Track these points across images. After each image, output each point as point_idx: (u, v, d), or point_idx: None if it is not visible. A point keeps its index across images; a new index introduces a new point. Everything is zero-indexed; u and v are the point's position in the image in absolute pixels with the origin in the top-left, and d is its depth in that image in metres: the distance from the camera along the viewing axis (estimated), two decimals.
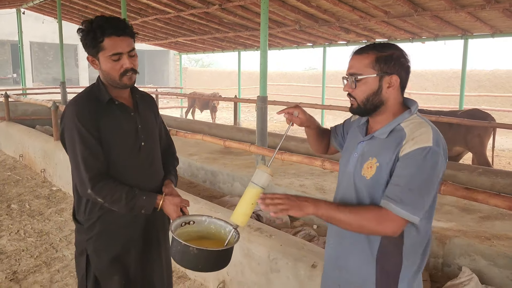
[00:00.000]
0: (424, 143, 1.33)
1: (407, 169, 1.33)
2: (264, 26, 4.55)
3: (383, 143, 1.43)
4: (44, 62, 26.57)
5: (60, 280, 3.43)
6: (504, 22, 7.04)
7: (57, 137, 6.44)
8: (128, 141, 1.82)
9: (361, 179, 1.44)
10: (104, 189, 1.70)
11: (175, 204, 1.78)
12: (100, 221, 1.82)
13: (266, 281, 2.81)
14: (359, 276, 1.48)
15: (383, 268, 1.43)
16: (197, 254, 1.51)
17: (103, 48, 1.69)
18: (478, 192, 1.92)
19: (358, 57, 1.44)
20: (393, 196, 1.32)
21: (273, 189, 4.62)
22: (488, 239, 3.14)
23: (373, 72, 1.41)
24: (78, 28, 1.75)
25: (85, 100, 1.78)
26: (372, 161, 1.42)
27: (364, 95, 1.43)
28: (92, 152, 1.71)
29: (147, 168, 1.88)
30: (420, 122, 1.42)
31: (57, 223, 4.71)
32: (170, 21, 9.88)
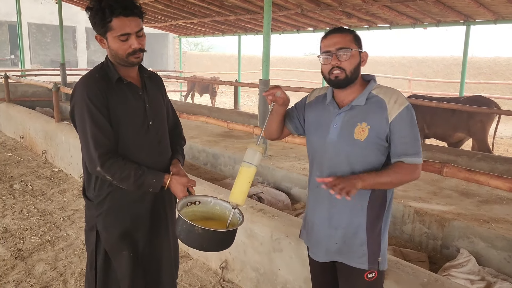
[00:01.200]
0: (405, 103, 1.64)
1: (406, 127, 1.63)
2: (268, 9, 4.53)
3: (365, 109, 1.68)
4: (42, 44, 26.32)
5: (65, 258, 3.48)
6: (507, 8, 7.01)
7: (58, 118, 6.44)
8: (137, 120, 1.83)
9: (355, 142, 1.66)
10: (113, 167, 1.72)
11: (182, 184, 1.80)
12: (110, 197, 1.85)
13: (269, 260, 2.86)
14: (352, 228, 1.72)
15: (372, 215, 1.71)
16: (201, 234, 1.54)
17: (111, 28, 1.69)
18: (480, 174, 1.96)
19: (340, 35, 1.67)
20: (411, 151, 1.63)
21: (274, 172, 4.66)
22: (486, 222, 3.20)
23: (356, 47, 1.67)
24: (86, 7, 1.74)
25: (95, 78, 1.78)
26: (362, 125, 1.66)
27: (352, 66, 1.66)
28: (102, 130, 1.71)
29: (155, 146, 1.90)
30: (386, 87, 1.72)
31: (60, 203, 4.75)
32: (171, 3, 9.77)
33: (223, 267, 3.14)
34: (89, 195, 1.91)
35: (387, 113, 1.63)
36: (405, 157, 1.63)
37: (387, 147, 1.67)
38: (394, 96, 1.66)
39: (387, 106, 1.64)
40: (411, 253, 3.15)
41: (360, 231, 1.71)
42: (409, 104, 1.65)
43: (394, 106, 1.63)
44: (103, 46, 1.78)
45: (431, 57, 16.14)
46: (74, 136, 5.63)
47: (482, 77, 14.28)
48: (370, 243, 1.71)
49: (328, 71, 1.68)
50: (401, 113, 1.62)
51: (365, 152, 1.67)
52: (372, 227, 1.71)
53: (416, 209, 3.43)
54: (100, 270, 1.92)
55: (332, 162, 1.73)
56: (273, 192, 4.26)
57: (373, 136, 1.64)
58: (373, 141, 1.65)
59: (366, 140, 1.65)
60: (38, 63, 24.85)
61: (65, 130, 5.97)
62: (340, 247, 1.75)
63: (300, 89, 7.83)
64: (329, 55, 1.66)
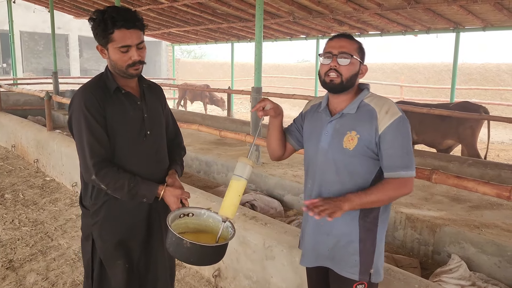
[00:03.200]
0: (397, 114, 1.61)
1: (397, 138, 1.59)
2: (259, 16, 4.57)
3: (355, 117, 1.66)
4: (34, 52, 26.22)
5: (56, 268, 3.46)
6: (495, 16, 7.12)
7: (50, 127, 6.42)
8: (134, 130, 1.83)
9: (344, 151, 1.65)
10: (107, 176, 1.72)
11: (176, 196, 1.80)
12: (106, 206, 1.85)
13: (261, 268, 2.86)
14: (344, 236, 1.69)
15: (364, 226, 1.67)
16: (189, 248, 1.52)
17: (112, 40, 1.71)
18: (468, 180, 1.99)
19: (348, 41, 1.67)
20: (400, 164, 1.58)
21: (267, 179, 4.67)
22: (477, 227, 3.23)
23: (358, 57, 1.66)
24: (89, 17, 1.76)
25: (93, 88, 1.79)
26: (351, 134, 1.64)
27: (349, 73, 1.65)
28: (98, 139, 1.73)
29: (152, 156, 1.90)
30: (379, 97, 1.70)
31: (52, 212, 4.72)
32: (163, 11, 9.82)
33: (216, 275, 3.13)
34: (85, 203, 1.91)
35: (377, 123, 1.60)
36: (393, 170, 1.59)
37: (377, 158, 1.64)
38: (385, 106, 1.63)
39: (377, 115, 1.61)
40: (403, 259, 3.17)
41: (353, 240, 1.69)
42: (402, 115, 1.62)
43: (385, 116, 1.60)
44: (103, 57, 1.79)
45: (422, 63, 16.30)
46: (66, 145, 5.61)
47: (473, 83, 14.43)
48: (363, 253, 1.68)
49: (325, 72, 1.67)
50: (392, 124, 1.59)
51: (354, 162, 1.64)
52: (365, 238, 1.68)
53: (407, 215, 3.46)
54: (95, 279, 1.92)
55: (322, 170, 1.72)
56: (266, 200, 4.27)
57: (362, 145, 1.62)
58: (362, 150, 1.62)
59: (355, 149, 1.63)
60: (31, 71, 24.74)
61: (57, 139, 5.95)
62: (332, 254, 1.73)
63: (293, 96, 7.88)
64: (329, 56, 1.65)
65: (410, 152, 1.60)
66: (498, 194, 1.88)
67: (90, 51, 28.79)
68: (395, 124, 1.59)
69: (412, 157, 1.61)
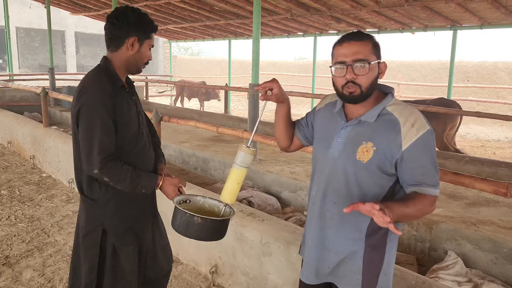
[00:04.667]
0: (425, 127, 1.43)
1: (426, 155, 1.43)
2: (257, 13, 4.56)
3: (375, 127, 1.47)
4: (30, 48, 26.11)
5: (53, 264, 3.45)
6: (493, 14, 7.13)
7: (46, 123, 6.39)
8: (133, 125, 1.91)
9: (356, 163, 1.48)
10: (111, 169, 1.78)
11: (174, 184, 1.91)
12: (116, 196, 1.91)
13: (259, 264, 2.86)
14: (347, 255, 1.56)
15: (371, 243, 1.53)
16: (200, 223, 1.63)
17: (151, 37, 1.92)
18: (465, 177, 1.99)
19: (360, 44, 1.45)
20: (431, 182, 1.44)
21: (264, 176, 4.67)
22: (473, 224, 3.24)
23: (375, 59, 1.46)
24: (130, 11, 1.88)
25: (104, 84, 1.82)
26: (367, 145, 1.46)
27: (369, 81, 1.46)
28: (110, 136, 1.78)
29: (147, 150, 2.00)
30: (404, 105, 1.50)
31: (48, 209, 4.71)
32: (160, 7, 9.78)
33: (213, 272, 3.13)
34: (92, 195, 1.92)
35: (401, 137, 1.42)
36: (428, 187, 1.43)
37: (393, 174, 1.47)
38: (411, 117, 1.44)
39: (401, 129, 1.43)
40: (400, 255, 3.17)
41: (357, 259, 1.55)
42: (430, 129, 1.44)
43: (410, 130, 1.42)
44: (129, 49, 1.87)
45: (419, 61, 16.33)
46: (63, 141, 5.58)
47: (470, 81, 14.47)
48: (366, 273, 1.55)
49: (342, 86, 1.47)
50: (419, 140, 1.41)
51: (365, 175, 1.48)
52: (371, 257, 1.54)
53: None
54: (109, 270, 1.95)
55: (329, 179, 1.56)
56: (263, 196, 4.26)
57: (378, 159, 1.45)
58: (377, 165, 1.45)
59: (369, 163, 1.46)
60: (27, 67, 24.64)
61: (53, 135, 5.92)
62: (333, 270, 1.61)
63: (290, 93, 7.87)
64: (343, 67, 1.45)
65: (437, 169, 1.47)
66: (495, 190, 1.89)
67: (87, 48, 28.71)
68: (424, 139, 1.41)
69: (438, 176, 1.47)
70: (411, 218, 1.49)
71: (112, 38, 1.87)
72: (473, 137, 11.72)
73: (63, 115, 9.29)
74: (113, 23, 1.85)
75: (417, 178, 1.43)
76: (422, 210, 1.43)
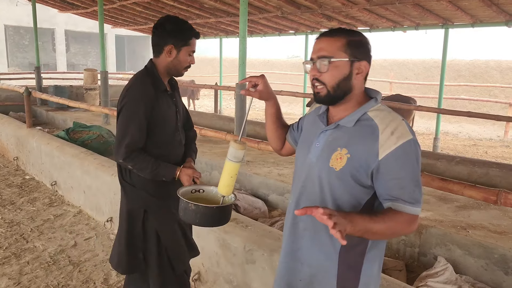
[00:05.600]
0: (407, 136, 1.29)
1: (404, 168, 1.28)
2: (244, 11, 4.44)
3: (352, 133, 1.36)
4: (20, 46, 25.76)
5: (30, 272, 3.32)
6: (484, 12, 7.06)
7: (30, 124, 6.23)
8: (171, 124, 2.17)
9: (329, 171, 1.36)
10: (135, 158, 2.04)
11: (188, 175, 2.11)
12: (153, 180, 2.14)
13: (242, 272, 2.77)
14: (320, 269, 1.44)
15: (346, 261, 1.39)
16: (194, 209, 1.76)
17: (189, 44, 2.08)
18: (454, 183, 1.89)
19: (328, 40, 1.36)
20: (408, 198, 1.28)
21: (252, 178, 4.56)
22: (464, 228, 3.15)
23: (345, 56, 1.34)
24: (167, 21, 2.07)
25: (148, 87, 2.06)
26: (341, 151, 1.35)
27: (334, 80, 1.35)
28: (141, 133, 2.04)
29: (180, 144, 2.26)
30: (388, 112, 1.37)
31: (29, 213, 4.57)
32: (150, 5, 9.61)
33: (196, 279, 3.03)
34: (132, 180, 2.18)
35: (378, 145, 1.29)
36: (404, 204, 1.27)
37: (370, 186, 1.33)
38: (392, 124, 1.31)
39: (379, 136, 1.29)
40: (388, 261, 3.08)
41: (330, 276, 1.41)
42: (412, 138, 1.29)
43: (389, 138, 1.28)
44: (168, 56, 2.07)
45: (412, 59, 16.30)
46: (46, 142, 5.44)
47: (462, 79, 14.47)
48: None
49: (311, 83, 1.40)
50: (399, 149, 1.27)
51: (338, 185, 1.35)
52: (345, 276, 1.40)
53: None
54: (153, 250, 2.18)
55: (304, 186, 1.46)
56: (249, 200, 4.15)
57: (351, 167, 1.32)
58: (351, 173, 1.32)
59: (341, 171, 1.33)
60: (16, 66, 24.34)
61: (36, 136, 5.77)
62: (304, 286, 1.48)
63: (280, 92, 7.77)
64: (310, 63, 1.39)
65: (419, 186, 1.30)
66: (485, 198, 1.79)
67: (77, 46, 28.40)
68: (403, 149, 1.27)
69: (420, 192, 1.30)
70: (381, 236, 1.30)
71: (154, 45, 2.11)
72: (465, 136, 11.70)
73: (50, 115, 9.11)
74: (154, 32, 2.09)
75: (393, 193, 1.28)
76: (394, 228, 1.27)
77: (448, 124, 13.12)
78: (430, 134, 11.03)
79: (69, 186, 4.88)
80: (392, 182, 1.28)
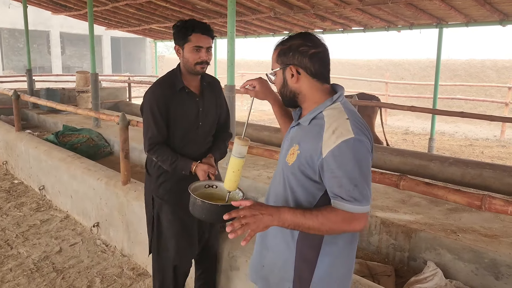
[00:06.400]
0: (347, 135, 1.31)
1: (341, 166, 1.30)
2: (232, 11, 4.37)
3: (306, 131, 1.43)
4: (15, 49, 25.63)
5: (12, 279, 3.24)
6: (478, 11, 7.01)
7: (18, 127, 6.14)
8: (190, 121, 2.31)
9: (285, 165, 1.46)
10: (157, 151, 2.28)
11: (204, 170, 2.23)
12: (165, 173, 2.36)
13: (226, 279, 2.70)
14: (280, 257, 1.51)
15: (302, 252, 1.45)
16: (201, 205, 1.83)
17: (189, 41, 2.17)
18: (438, 188, 1.82)
19: (272, 53, 1.50)
20: (346, 196, 1.30)
21: (240, 181, 4.49)
22: (454, 232, 3.08)
23: (277, 66, 1.46)
24: (174, 24, 2.23)
25: (164, 85, 2.27)
26: (295, 147, 1.43)
27: (278, 89, 1.51)
28: (158, 128, 2.25)
29: (202, 141, 2.39)
30: (339, 111, 1.39)
31: (15, 218, 4.49)
32: (142, 7, 9.54)
33: None
34: (151, 171, 2.43)
35: (322, 143, 1.33)
36: (339, 200, 1.31)
37: (319, 182, 1.38)
38: (334, 124, 1.34)
39: (323, 134, 1.34)
40: (377, 266, 3.01)
41: (288, 264, 1.48)
42: (353, 137, 1.30)
43: (330, 137, 1.32)
44: (178, 56, 2.24)
45: (407, 59, 16.24)
46: (34, 146, 5.36)
47: (458, 79, 14.41)
48: (297, 283, 1.46)
49: None
50: (336, 148, 1.29)
51: (293, 179, 1.43)
52: (301, 268, 1.45)
53: (382, 219, 3.30)
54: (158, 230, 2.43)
55: (273, 181, 1.58)
56: None
57: (300, 163, 1.39)
58: (300, 169, 1.39)
59: (293, 166, 1.42)
60: (11, 69, 24.22)
61: (25, 140, 5.69)
62: (266, 273, 1.56)
63: None
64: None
65: (358, 183, 1.29)
66: (469, 203, 1.72)
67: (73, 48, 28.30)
68: (341, 147, 1.29)
69: (363, 189, 1.30)
70: (318, 231, 1.34)
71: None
72: (462, 136, 11.64)
73: (41, 118, 9.02)
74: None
75: (334, 190, 1.33)
76: (328, 225, 1.31)
77: (444, 124, 13.06)
78: (426, 135, 10.96)
79: (57, 190, 4.80)
80: (333, 180, 1.32)
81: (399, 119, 13.61)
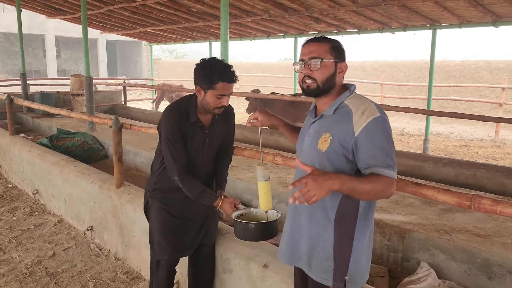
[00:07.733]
0: (374, 114, 1.56)
1: (374, 140, 1.53)
2: (225, 14, 4.37)
3: (332, 119, 1.65)
4: (10, 53, 25.54)
5: (4, 284, 3.22)
6: (471, 12, 7.04)
7: (12, 131, 6.12)
8: (197, 150, 2.39)
9: (318, 153, 1.64)
10: (186, 181, 2.33)
11: (230, 203, 2.36)
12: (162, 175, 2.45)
13: (220, 282, 2.70)
14: (319, 240, 1.68)
15: (339, 229, 1.64)
16: (255, 227, 2.10)
17: (215, 88, 2.17)
18: (428, 188, 1.83)
19: (316, 44, 1.66)
20: (381, 163, 1.51)
21: (235, 183, 4.49)
22: (447, 232, 3.08)
23: (331, 58, 1.65)
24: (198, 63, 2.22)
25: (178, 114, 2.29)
26: (325, 135, 1.63)
27: (324, 77, 1.65)
28: (178, 152, 2.31)
29: (205, 166, 2.48)
30: (360, 97, 1.66)
31: (8, 222, 4.47)
32: (137, 9, 9.52)
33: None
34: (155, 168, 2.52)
35: (353, 125, 1.56)
36: (379, 168, 1.51)
37: (352, 161, 1.60)
38: (362, 106, 1.59)
39: (353, 117, 1.58)
40: (371, 267, 3.00)
41: (327, 245, 1.66)
42: (380, 116, 1.56)
43: (361, 117, 1.56)
44: (198, 95, 2.25)
45: (402, 61, 16.30)
46: (27, 150, 5.34)
47: (452, 80, 14.46)
48: (337, 259, 1.64)
49: (302, 80, 1.70)
50: (368, 125, 1.53)
51: (327, 164, 1.62)
52: (341, 243, 1.64)
53: (376, 220, 3.30)
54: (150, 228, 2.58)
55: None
56: None
57: (335, 147, 1.60)
58: (336, 152, 1.60)
59: (327, 151, 1.61)
60: (7, 72, 24.13)
61: (18, 144, 5.66)
62: (308, 257, 1.72)
63: (268, 95, 7.72)
64: (302, 64, 1.68)
65: (390, 154, 1.54)
66: (459, 203, 1.72)
67: (68, 52, 28.23)
68: (372, 125, 1.54)
69: (393, 158, 1.54)
70: (367, 196, 1.52)
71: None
72: (457, 136, 11.68)
73: (36, 121, 8.98)
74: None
75: (368, 162, 1.53)
76: (378, 189, 1.48)
77: (439, 125, 13.10)
78: (422, 136, 10.99)
79: (50, 194, 4.78)
80: (367, 153, 1.54)
81: (395, 120, 13.64)
